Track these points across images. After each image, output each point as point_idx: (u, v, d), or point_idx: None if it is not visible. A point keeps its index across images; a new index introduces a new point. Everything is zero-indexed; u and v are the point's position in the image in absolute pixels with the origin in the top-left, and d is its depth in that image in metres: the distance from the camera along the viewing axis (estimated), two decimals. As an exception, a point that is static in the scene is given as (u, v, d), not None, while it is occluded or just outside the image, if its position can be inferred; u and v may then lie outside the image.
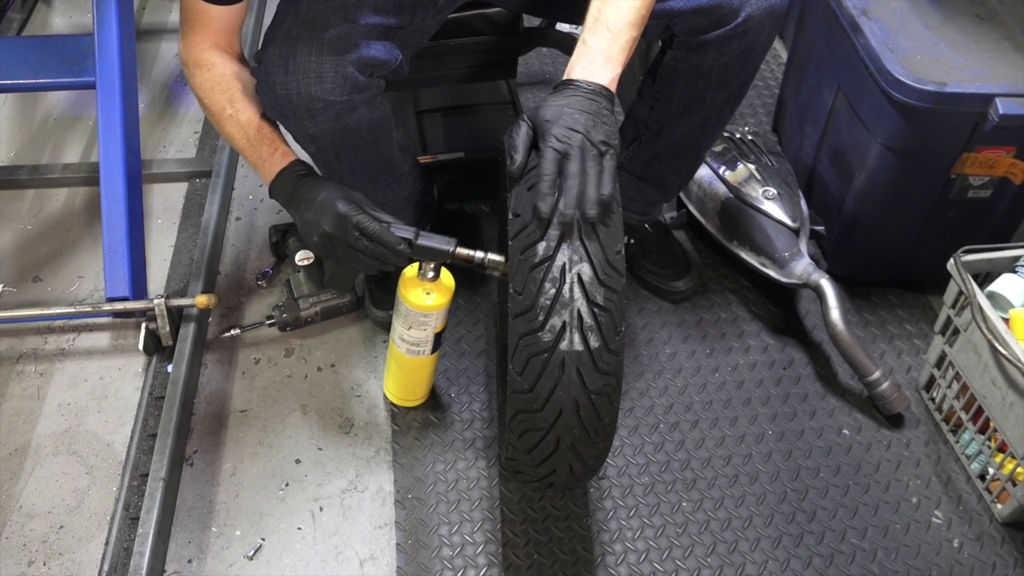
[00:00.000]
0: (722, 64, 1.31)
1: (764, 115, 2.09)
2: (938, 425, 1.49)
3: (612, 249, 1.03)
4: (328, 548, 1.31)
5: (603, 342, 1.03)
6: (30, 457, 1.41)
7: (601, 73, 1.08)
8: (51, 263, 1.73)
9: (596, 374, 1.04)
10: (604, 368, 1.04)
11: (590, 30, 1.10)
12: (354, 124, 1.24)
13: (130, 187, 1.61)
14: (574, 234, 1.02)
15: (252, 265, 1.72)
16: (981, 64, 1.43)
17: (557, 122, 1.03)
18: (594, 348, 1.02)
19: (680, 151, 1.50)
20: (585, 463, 1.14)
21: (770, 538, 1.34)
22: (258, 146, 1.22)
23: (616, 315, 1.03)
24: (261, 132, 1.22)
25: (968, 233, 1.55)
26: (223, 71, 1.23)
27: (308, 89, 1.16)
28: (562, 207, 1.00)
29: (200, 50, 1.23)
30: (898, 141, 1.46)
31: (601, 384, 1.04)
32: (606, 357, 1.03)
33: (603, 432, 1.10)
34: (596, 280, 1.02)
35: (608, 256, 1.03)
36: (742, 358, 1.59)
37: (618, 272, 1.04)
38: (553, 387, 1.04)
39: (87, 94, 2.03)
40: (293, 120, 1.21)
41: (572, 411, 1.05)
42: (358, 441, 1.45)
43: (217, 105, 1.22)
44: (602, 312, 1.02)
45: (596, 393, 1.05)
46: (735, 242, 1.66)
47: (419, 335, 1.32)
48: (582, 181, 1.01)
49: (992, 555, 1.33)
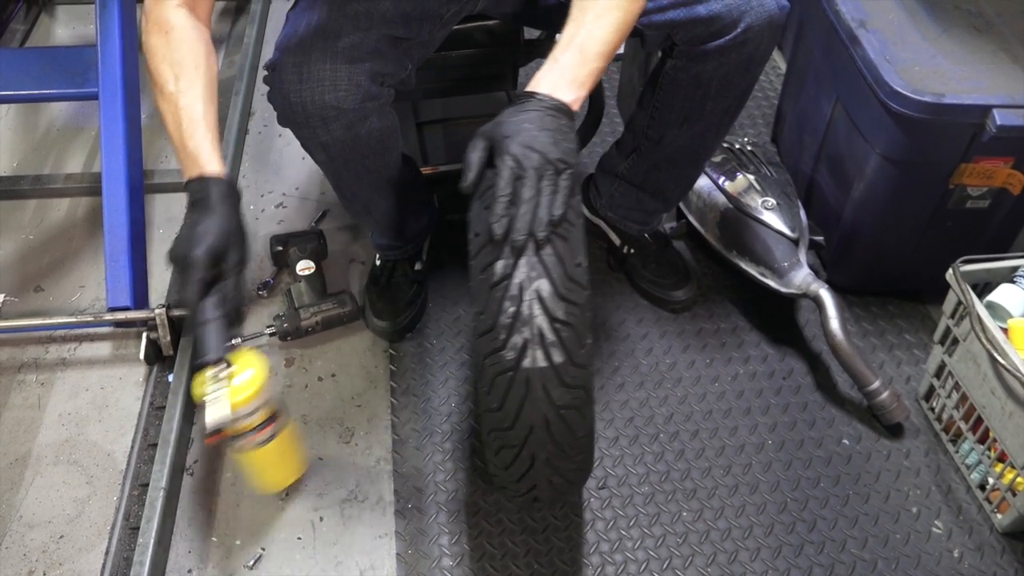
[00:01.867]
0: (722, 74, 1.32)
1: (763, 126, 2.10)
2: (938, 435, 1.49)
3: (572, 262, 1.02)
4: (328, 558, 1.31)
5: (567, 357, 1.02)
6: (30, 466, 1.41)
7: (567, 91, 1.06)
8: (53, 273, 1.73)
9: (563, 389, 1.02)
10: (571, 382, 1.03)
11: (563, 49, 1.08)
12: (365, 133, 1.24)
13: (132, 197, 1.61)
14: (530, 251, 1.00)
15: (252, 275, 1.73)
16: (979, 75, 1.43)
17: (515, 139, 1.01)
18: (558, 363, 1.01)
19: (680, 161, 1.51)
20: (565, 477, 1.13)
21: (770, 548, 1.34)
22: (188, 138, 1.12)
23: (580, 328, 1.02)
24: (193, 125, 1.12)
25: (966, 243, 1.55)
26: (181, 38, 1.14)
27: (322, 97, 1.17)
28: (513, 232, 0.99)
29: (166, 6, 1.14)
30: (896, 152, 1.47)
31: (570, 398, 1.03)
32: (572, 371, 1.02)
33: (579, 445, 1.09)
34: (556, 295, 1.01)
35: (568, 270, 1.02)
36: (742, 368, 1.59)
37: (579, 285, 1.02)
38: (521, 405, 1.03)
39: (89, 105, 2.04)
40: (306, 128, 1.21)
41: (543, 427, 1.04)
42: (358, 451, 1.45)
43: (162, 77, 1.13)
44: (564, 327, 1.01)
45: (565, 407, 1.04)
46: (734, 252, 1.66)
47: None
48: (535, 202, 0.99)
49: (992, 565, 1.33)
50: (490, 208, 1.00)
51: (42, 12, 2.44)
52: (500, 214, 0.99)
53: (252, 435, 1.18)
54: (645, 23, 1.32)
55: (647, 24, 1.32)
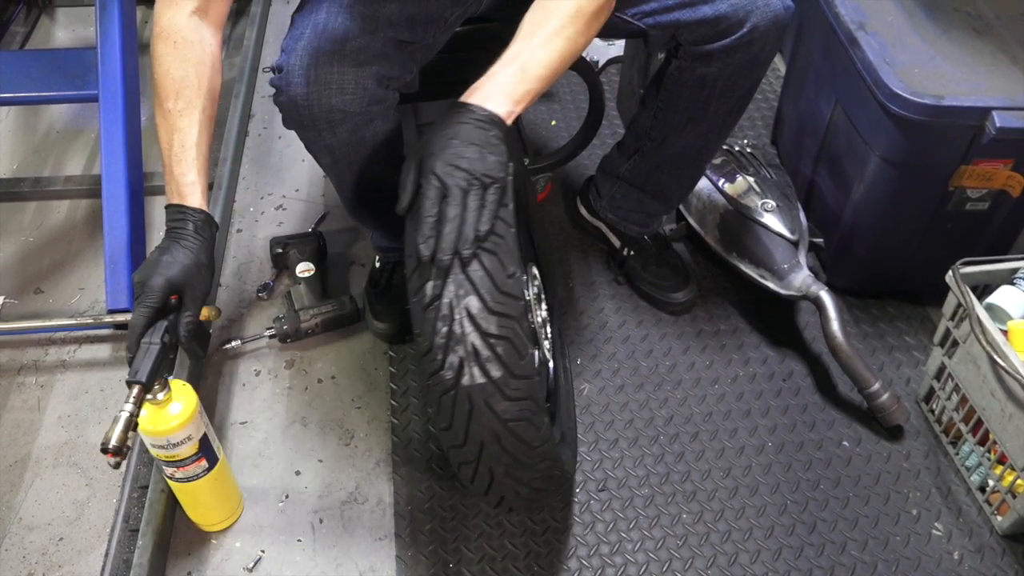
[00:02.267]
0: (727, 75, 1.32)
1: (763, 128, 2.10)
2: (938, 437, 1.49)
3: (503, 275, 1.02)
4: (328, 560, 1.31)
5: (506, 370, 1.01)
6: (30, 469, 1.41)
7: (500, 104, 1.05)
8: (52, 275, 1.73)
9: (507, 402, 1.02)
10: (514, 395, 1.02)
11: (504, 64, 1.07)
12: (370, 136, 1.25)
13: (132, 199, 1.62)
14: (457, 269, 1.00)
15: (253, 277, 1.73)
16: (978, 77, 1.44)
17: (440, 157, 1.00)
18: (497, 378, 1.01)
19: (682, 162, 1.51)
20: (531, 486, 1.12)
21: (770, 550, 1.34)
22: (176, 164, 1.13)
23: (517, 340, 1.02)
24: (184, 151, 1.13)
25: (966, 245, 1.55)
26: (188, 52, 1.14)
27: (329, 100, 1.17)
28: (438, 252, 0.99)
29: (177, 13, 1.14)
30: (896, 154, 1.47)
31: (516, 411, 1.03)
32: (513, 384, 1.02)
33: (537, 455, 1.08)
34: (486, 310, 1.00)
35: (498, 283, 1.01)
36: (742, 370, 1.59)
37: (512, 297, 1.02)
38: (467, 422, 1.03)
39: (89, 107, 2.04)
40: (312, 131, 1.21)
41: (494, 441, 1.04)
42: (358, 453, 1.45)
43: (163, 91, 1.14)
44: (499, 341, 1.01)
45: (513, 420, 1.03)
46: (734, 254, 1.66)
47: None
48: (460, 219, 0.99)
49: (992, 567, 1.32)
50: (418, 229, 1.01)
51: (42, 14, 2.44)
52: (426, 235, 0.99)
53: (179, 467, 1.20)
54: (651, 23, 1.32)
55: (652, 25, 1.32)
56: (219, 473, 1.26)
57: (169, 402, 1.15)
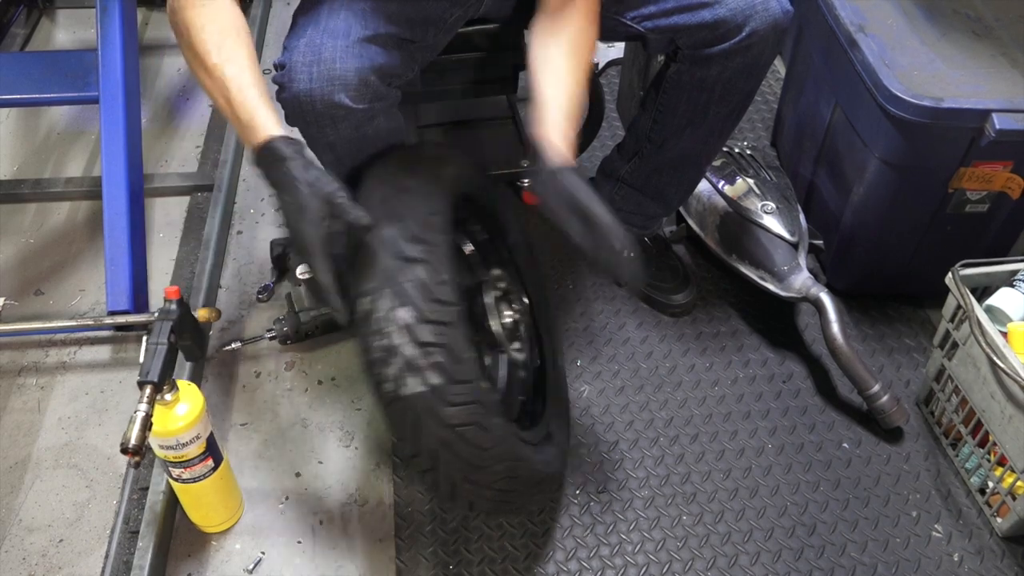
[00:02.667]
0: (726, 78, 1.32)
1: (763, 130, 2.11)
2: (937, 439, 1.49)
3: (435, 282, 1.03)
4: (328, 562, 1.31)
5: (446, 376, 1.02)
6: (30, 470, 1.41)
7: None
8: (53, 276, 1.73)
9: (451, 408, 1.02)
10: (458, 400, 1.03)
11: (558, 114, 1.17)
12: (372, 133, 1.25)
13: (132, 201, 1.62)
14: (388, 282, 1.02)
15: (253, 279, 1.73)
16: (977, 80, 1.44)
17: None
18: (436, 385, 1.01)
19: (682, 164, 1.51)
20: (496, 488, 1.13)
21: (770, 552, 1.34)
22: (240, 108, 1.10)
23: (455, 346, 1.02)
24: (243, 93, 1.09)
25: (966, 247, 1.55)
26: (217, 7, 1.13)
27: (332, 96, 1.17)
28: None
29: None
30: (896, 156, 1.47)
31: (464, 416, 1.03)
32: (456, 390, 1.02)
33: (491, 457, 1.08)
34: (418, 319, 1.01)
35: (431, 291, 1.02)
36: (741, 372, 1.59)
37: (444, 303, 1.03)
38: (416, 431, 1.04)
39: (90, 109, 2.04)
40: (315, 127, 1.21)
41: (446, 448, 1.05)
42: (358, 454, 1.45)
43: (203, 48, 1.10)
44: (435, 348, 1.01)
45: (460, 425, 1.04)
46: (734, 256, 1.66)
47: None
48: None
49: (992, 569, 1.33)
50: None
51: (43, 16, 2.44)
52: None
53: (184, 467, 1.20)
54: (650, 27, 1.33)
55: (651, 28, 1.32)
56: (223, 473, 1.27)
57: (177, 402, 1.16)
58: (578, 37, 1.22)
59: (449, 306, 1.03)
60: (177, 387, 1.16)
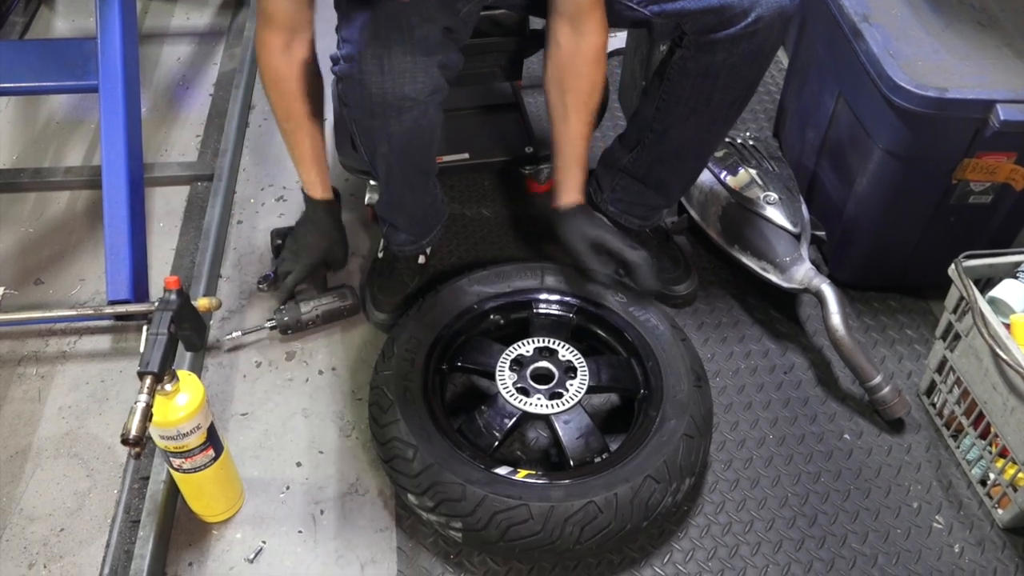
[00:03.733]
0: (730, 65, 1.32)
1: (765, 120, 2.10)
2: (939, 430, 1.49)
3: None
4: (329, 551, 1.31)
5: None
6: (31, 460, 1.41)
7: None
8: (53, 266, 1.73)
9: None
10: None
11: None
12: (427, 124, 1.27)
13: (132, 190, 1.61)
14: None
15: (253, 268, 1.72)
16: (982, 70, 1.43)
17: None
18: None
19: (684, 154, 1.51)
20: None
21: (771, 542, 1.34)
22: (302, 167, 1.50)
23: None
24: (304, 158, 1.47)
25: (969, 238, 1.55)
26: (285, 89, 1.39)
27: (402, 88, 1.19)
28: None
29: (271, 56, 1.36)
30: (899, 146, 1.47)
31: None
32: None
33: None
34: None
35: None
36: (743, 363, 1.59)
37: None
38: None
39: (89, 97, 2.03)
40: (380, 118, 1.23)
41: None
42: (359, 444, 1.45)
43: (278, 114, 1.43)
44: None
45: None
46: (736, 247, 1.66)
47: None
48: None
49: (993, 560, 1.33)
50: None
51: (42, 4, 2.43)
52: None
53: (185, 457, 1.20)
54: (655, 11, 1.33)
55: (657, 13, 1.32)
56: (224, 463, 1.27)
57: (177, 393, 1.16)
58: (590, 92, 1.41)
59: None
60: (177, 377, 1.16)
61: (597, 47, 1.36)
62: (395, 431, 1.28)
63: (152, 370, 1.11)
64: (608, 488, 1.22)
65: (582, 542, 1.20)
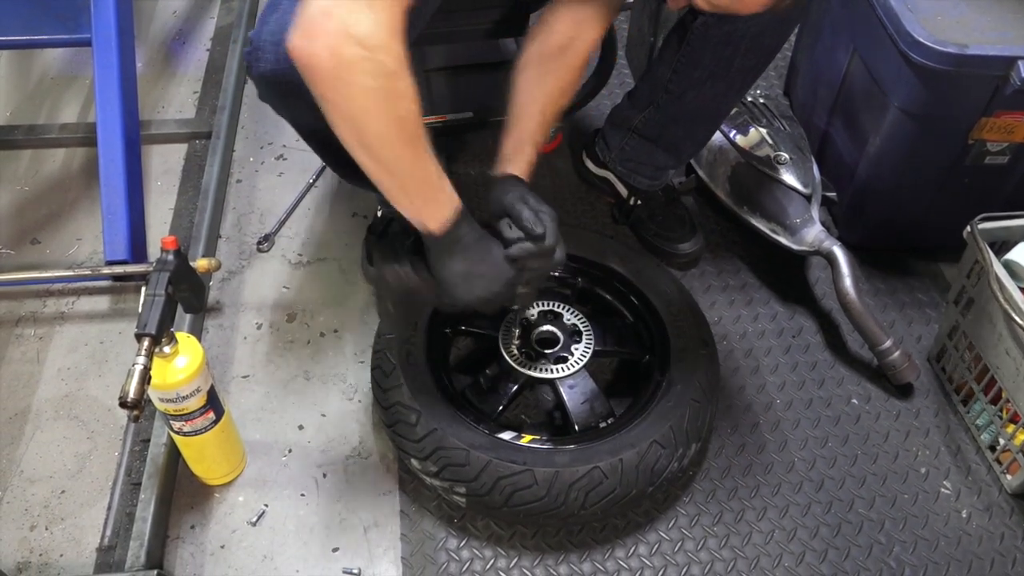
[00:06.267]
0: (755, 32, 1.29)
1: (775, 78, 2.05)
2: (948, 395, 1.47)
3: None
4: (332, 514, 1.30)
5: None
6: (31, 421, 1.40)
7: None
8: (49, 225, 1.70)
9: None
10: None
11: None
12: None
13: (128, 148, 1.58)
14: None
15: (253, 228, 1.70)
16: (1004, 26, 1.39)
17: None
18: None
19: (698, 117, 1.48)
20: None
21: (777, 507, 1.33)
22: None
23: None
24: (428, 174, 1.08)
25: (983, 200, 1.51)
26: (405, 84, 0.97)
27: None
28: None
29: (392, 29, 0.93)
30: (915, 105, 1.43)
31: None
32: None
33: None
34: None
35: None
36: (750, 326, 1.57)
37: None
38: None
39: (84, 52, 1.98)
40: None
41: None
42: (361, 407, 1.43)
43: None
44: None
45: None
46: (745, 208, 1.63)
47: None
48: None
49: (1001, 526, 1.32)
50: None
51: (33, -45, 2.37)
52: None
53: (185, 421, 1.19)
54: None
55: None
56: (225, 426, 1.25)
57: (176, 355, 1.14)
58: (567, 88, 1.27)
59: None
60: (176, 339, 1.14)
61: (593, 43, 1.27)
62: (398, 395, 1.26)
63: (149, 332, 1.09)
64: (613, 453, 1.20)
65: (587, 507, 1.19)
